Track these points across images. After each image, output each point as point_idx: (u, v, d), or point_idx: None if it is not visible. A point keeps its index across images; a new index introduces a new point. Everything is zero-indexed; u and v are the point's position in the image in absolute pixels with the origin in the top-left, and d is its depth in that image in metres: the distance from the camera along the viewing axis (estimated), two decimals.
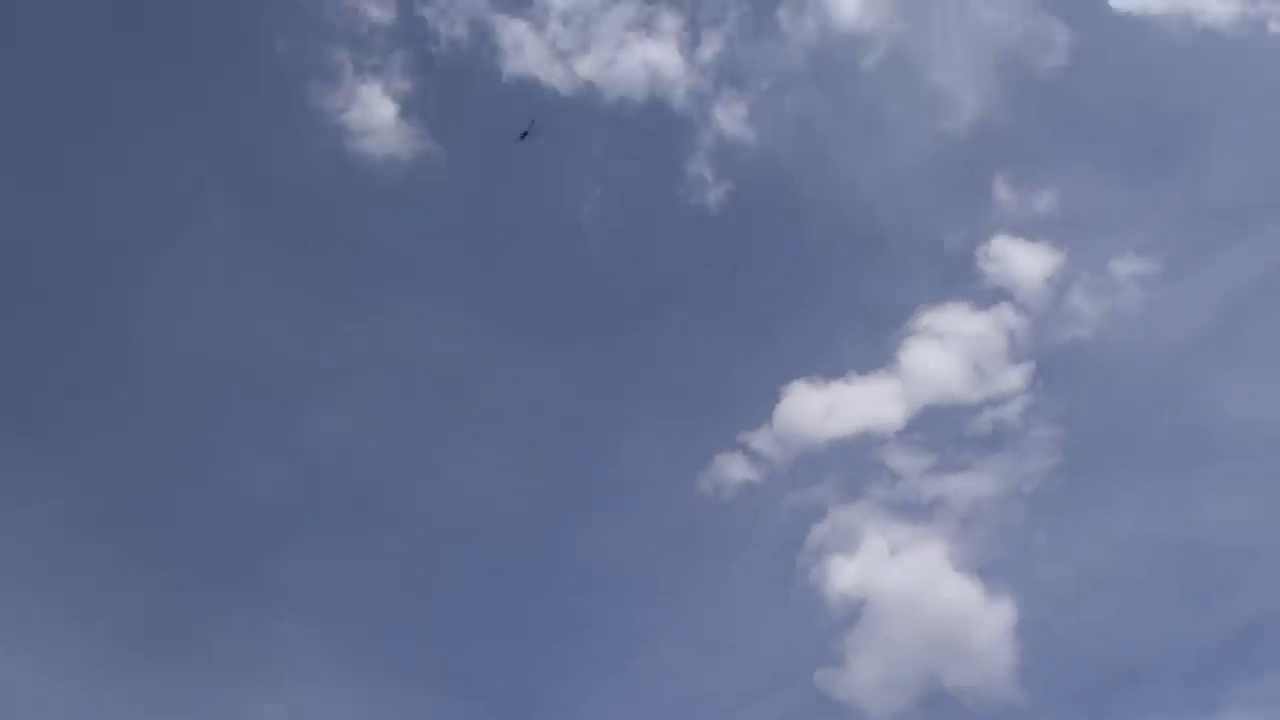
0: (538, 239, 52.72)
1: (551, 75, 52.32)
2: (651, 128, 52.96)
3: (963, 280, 49.88)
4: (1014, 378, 46.87)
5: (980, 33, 52.73)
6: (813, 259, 52.18)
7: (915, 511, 44.42)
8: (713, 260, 52.44)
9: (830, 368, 47.89)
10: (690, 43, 53.06)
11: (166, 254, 48.24)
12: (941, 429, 46.27)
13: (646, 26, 52.97)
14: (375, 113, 51.37)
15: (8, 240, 45.97)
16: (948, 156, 52.20)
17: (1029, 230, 50.00)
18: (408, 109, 51.76)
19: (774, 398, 47.17)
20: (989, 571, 41.85)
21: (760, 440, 46.31)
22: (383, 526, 45.03)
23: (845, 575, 42.82)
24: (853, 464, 45.81)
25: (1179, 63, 51.66)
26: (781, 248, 52.38)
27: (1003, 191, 51.31)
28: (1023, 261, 49.63)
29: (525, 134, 50.43)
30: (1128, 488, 43.98)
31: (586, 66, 52.40)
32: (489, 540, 45.23)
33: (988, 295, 49.16)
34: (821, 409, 47.09)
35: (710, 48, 53.22)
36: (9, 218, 46.22)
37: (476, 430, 48.35)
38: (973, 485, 44.76)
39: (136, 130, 49.01)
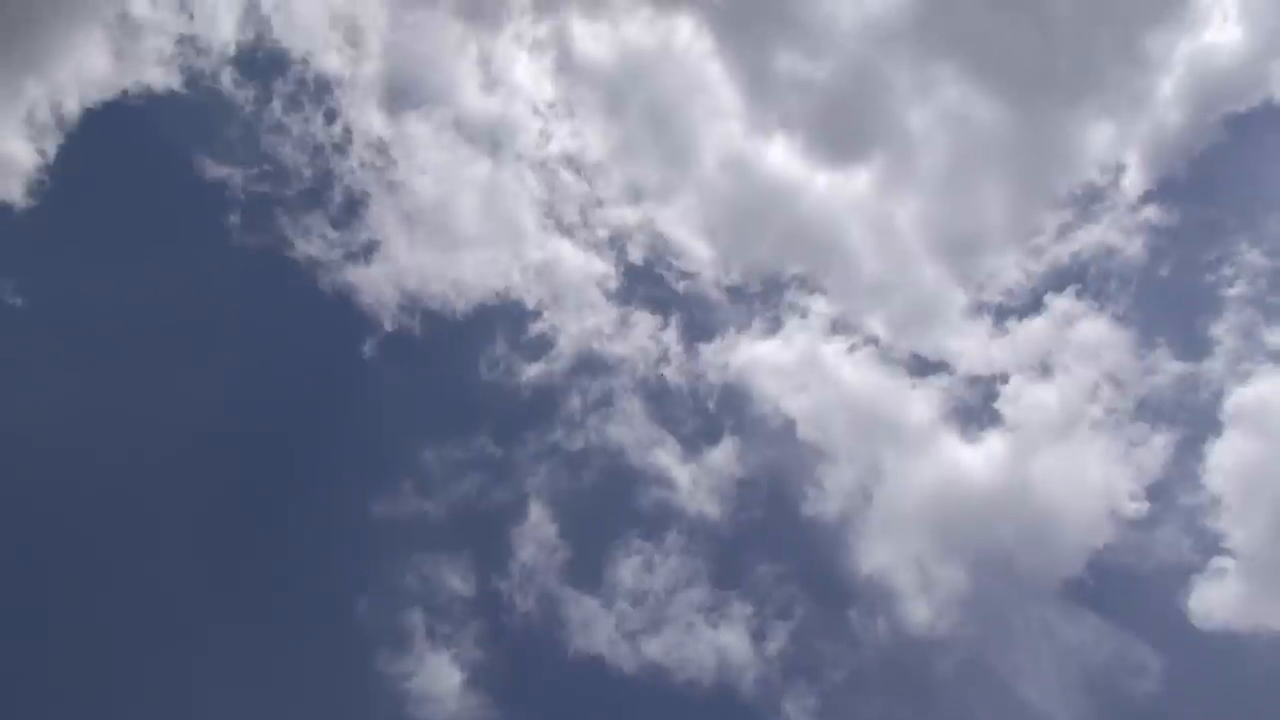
0: None
1: (617, 654, 52.19)
2: (719, 715, 51.29)
3: None
4: None
5: (1065, 650, 51.71)
6: None
7: None
8: None
9: None
10: (758, 632, 53.18)
11: None
12: None
13: (717, 612, 53.62)
14: (441, 681, 50.92)
15: None
16: None
17: None
18: (475, 678, 51.33)
19: None
20: None
21: None
22: None
23: None
24: None
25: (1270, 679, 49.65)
26: None
27: None
28: None
29: None
30: None
31: (654, 648, 52.36)
32: None
33: None
34: None
35: (777, 641, 53.02)
36: None
37: None
38: None
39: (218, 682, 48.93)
